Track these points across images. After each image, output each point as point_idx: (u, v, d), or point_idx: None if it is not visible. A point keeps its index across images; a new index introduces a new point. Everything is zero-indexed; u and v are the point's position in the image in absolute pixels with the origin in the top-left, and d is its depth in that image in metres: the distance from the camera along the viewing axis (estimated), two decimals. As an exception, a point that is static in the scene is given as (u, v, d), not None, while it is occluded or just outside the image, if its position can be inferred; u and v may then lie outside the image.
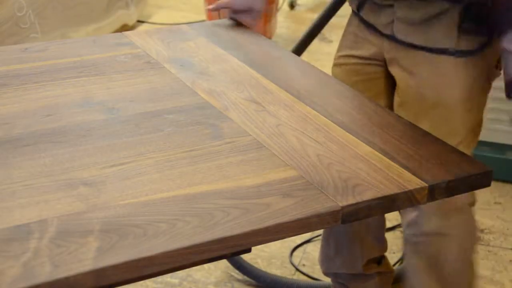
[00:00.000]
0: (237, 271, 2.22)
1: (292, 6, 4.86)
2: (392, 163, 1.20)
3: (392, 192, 1.11)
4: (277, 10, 4.19)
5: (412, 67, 1.60)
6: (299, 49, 2.26)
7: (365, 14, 1.67)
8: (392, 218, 2.51)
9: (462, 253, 1.70)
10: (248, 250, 1.08)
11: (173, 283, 2.18)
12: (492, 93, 2.65)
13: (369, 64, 1.72)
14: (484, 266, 2.30)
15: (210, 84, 1.48)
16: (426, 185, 1.14)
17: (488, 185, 1.22)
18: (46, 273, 0.90)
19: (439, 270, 1.70)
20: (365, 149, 1.24)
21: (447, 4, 1.50)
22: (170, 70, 1.54)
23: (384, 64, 1.69)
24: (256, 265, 2.25)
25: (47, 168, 1.14)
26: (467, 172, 1.19)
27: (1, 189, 1.08)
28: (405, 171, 1.17)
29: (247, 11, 1.81)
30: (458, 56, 1.55)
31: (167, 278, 2.19)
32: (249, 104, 1.39)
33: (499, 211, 2.59)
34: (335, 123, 1.33)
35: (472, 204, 1.70)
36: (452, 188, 1.17)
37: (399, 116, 1.39)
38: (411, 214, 1.70)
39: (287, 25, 4.49)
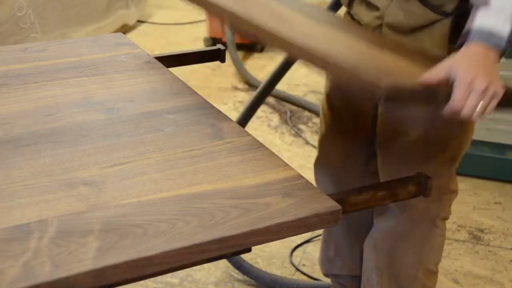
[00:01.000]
0: (237, 271, 2.22)
1: (292, 6, 4.86)
2: None
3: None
4: (277, 10, 4.19)
5: None
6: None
7: (354, 11, 1.61)
8: (392, 218, 2.51)
9: (418, 263, 1.68)
10: (248, 250, 1.08)
11: (173, 283, 2.18)
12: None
13: None
14: (484, 266, 2.30)
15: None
16: None
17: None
18: (46, 273, 0.90)
19: (393, 270, 1.70)
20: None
21: (438, 15, 1.46)
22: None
23: None
24: (256, 265, 2.25)
25: (47, 168, 1.14)
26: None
27: (1, 189, 1.08)
28: None
29: None
30: None
31: (167, 278, 2.19)
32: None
33: (499, 211, 2.59)
34: None
35: (445, 218, 1.68)
36: None
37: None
38: (384, 211, 1.70)
39: (287, 25, 4.48)
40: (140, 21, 4.44)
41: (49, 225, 0.99)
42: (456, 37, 1.40)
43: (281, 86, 3.10)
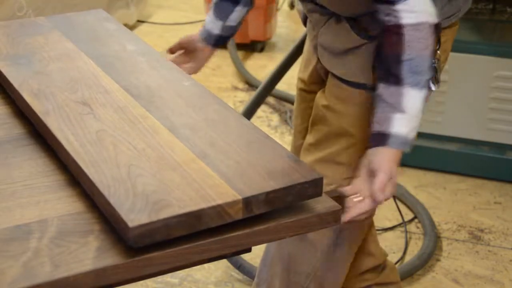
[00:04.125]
0: (237, 271, 2.22)
1: (292, 6, 4.86)
2: (212, 172, 1.05)
3: (197, 208, 0.96)
4: (277, 10, 4.19)
5: (330, 94, 1.58)
6: (299, 49, 2.27)
7: (307, 28, 1.65)
8: (392, 218, 2.51)
9: (313, 274, 1.64)
10: (248, 250, 1.08)
11: (173, 283, 2.18)
12: (492, 93, 2.66)
13: (311, 92, 1.70)
14: (484, 266, 2.30)
15: (41, 85, 1.32)
16: (240, 198, 0.99)
17: (319, 194, 1.07)
18: (46, 273, 0.90)
19: (287, 274, 1.66)
20: (187, 156, 1.09)
21: (363, 39, 1.48)
22: (1, 69, 1.39)
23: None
24: (256, 265, 2.24)
25: (47, 168, 1.14)
26: (294, 181, 1.04)
27: (1, 189, 1.08)
28: (222, 182, 1.02)
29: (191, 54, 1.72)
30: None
31: (167, 278, 2.19)
32: (77, 106, 1.24)
33: (499, 211, 2.59)
34: (165, 126, 1.18)
35: (353, 242, 1.65)
36: (273, 200, 1.02)
37: (243, 118, 1.25)
38: None
39: (287, 25, 4.48)
40: (140, 21, 4.44)
41: (49, 225, 0.99)
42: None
43: (281, 86, 3.09)
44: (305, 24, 1.66)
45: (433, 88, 1.43)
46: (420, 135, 2.79)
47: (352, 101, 1.54)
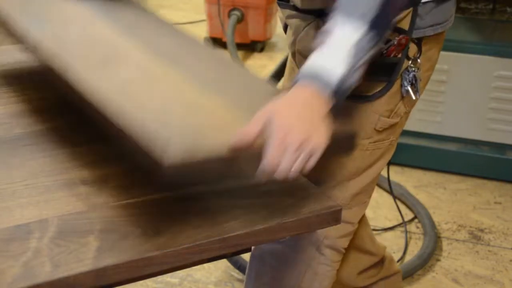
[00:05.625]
0: (237, 271, 2.22)
1: (292, 6, 4.86)
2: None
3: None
4: (277, 10, 4.19)
5: None
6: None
7: (287, 37, 1.51)
8: (392, 218, 2.51)
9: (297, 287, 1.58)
10: (249, 250, 1.08)
11: (173, 283, 2.18)
12: (492, 93, 2.66)
13: None
14: (484, 266, 2.30)
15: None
16: None
17: None
18: (46, 273, 0.90)
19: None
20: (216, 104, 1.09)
21: None
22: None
23: None
24: (256, 265, 2.25)
25: (47, 168, 1.14)
26: None
27: (1, 189, 1.08)
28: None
29: None
30: (354, 100, 1.32)
31: (167, 278, 2.19)
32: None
33: (499, 211, 2.59)
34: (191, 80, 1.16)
35: (334, 247, 1.54)
36: None
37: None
38: None
39: (287, 25, 4.49)
40: (140, 21, 4.44)
41: (49, 225, 1.00)
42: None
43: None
44: (285, 31, 1.56)
45: (413, 96, 1.35)
46: (420, 135, 2.82)
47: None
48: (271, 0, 4.00)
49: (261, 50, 4.08)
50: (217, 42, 4.09)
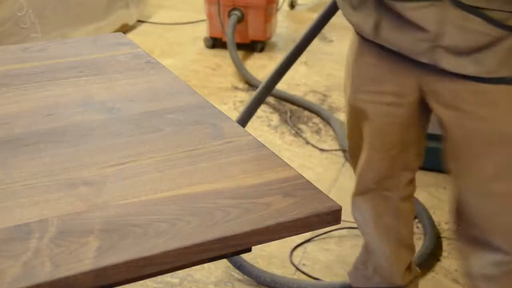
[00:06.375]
0: (237, 271, 2.22)
1: (292, 6, 4.86)
2: None
3: None
4: (277, 10, 4.19)
5: (459, 102, 1.44)
6: (299, 49, 2.27)
7: (384, 36, 1.45)
8: (392, 218, 2.51)
9: None
10: (248, 250, 1.08)
11: (173, 283, 2.17)
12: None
13: (400, 104, 1.55)
14: (484, 266, 2.30)
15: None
16: None
17: None
18: (46, 273, 0.90)
19: None
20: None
21: (502, 31, 1.33)
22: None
23: (416, 99, 1.53)
24: (256, 265, 2.25)
25: (47, 168, 1.14)
26: None
27: (1, 189, 1.08)
28: None
29: None
30: None
31: (167, 277, 2.19)
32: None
33: (499, 211, 2.59)
34: None
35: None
36: None
37: None
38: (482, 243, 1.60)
39: (287, 25, 4.48)
40: (140, 21, 4.44)
41: (49, 225, 0.99)
42: None
43: (281, 86, 3.10)
44: (375, 34, 1.46)
45: None
46: (420, 135, 2.81)
47: (499, 99, 1.41)
48: (271, 0, 4.00)
49: (261, 50, 4.08)
50: (217, 42, 4.09)
